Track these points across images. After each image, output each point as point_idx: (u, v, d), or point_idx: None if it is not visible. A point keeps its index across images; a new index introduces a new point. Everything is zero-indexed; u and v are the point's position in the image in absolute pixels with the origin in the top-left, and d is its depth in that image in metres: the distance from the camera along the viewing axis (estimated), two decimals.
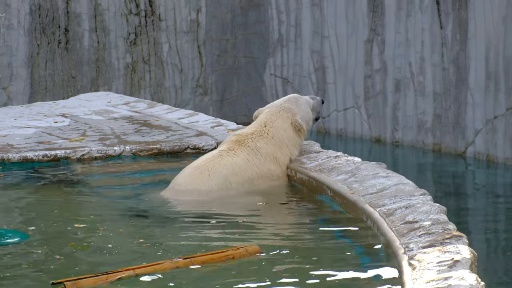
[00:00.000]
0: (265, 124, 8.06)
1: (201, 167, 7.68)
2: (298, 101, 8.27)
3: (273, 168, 7.91)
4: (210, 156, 7.83)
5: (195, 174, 7.64)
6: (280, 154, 7.97)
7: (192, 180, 7.61)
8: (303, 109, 8.24)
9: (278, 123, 8.05)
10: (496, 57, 13.07)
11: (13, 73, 16.00)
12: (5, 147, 9.28)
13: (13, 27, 15.95)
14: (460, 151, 13.64)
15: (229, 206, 7.45)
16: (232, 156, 7.79)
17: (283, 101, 8.30)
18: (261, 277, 5.24)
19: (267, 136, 7.97)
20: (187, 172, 7.71)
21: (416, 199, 6.30)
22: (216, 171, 7.66)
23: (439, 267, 4.82)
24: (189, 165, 7.80)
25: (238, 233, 6.40)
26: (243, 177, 7.75)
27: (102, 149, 9.15)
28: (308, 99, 8.37)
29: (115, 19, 16.45)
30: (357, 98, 15.40)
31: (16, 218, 6.83)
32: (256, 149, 7.88)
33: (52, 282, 4.90)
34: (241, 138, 7.95)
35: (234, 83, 17.21)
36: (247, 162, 7.80)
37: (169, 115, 10.93)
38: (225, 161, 7.73)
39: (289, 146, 8.05)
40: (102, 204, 7.36)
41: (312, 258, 5.64)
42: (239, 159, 7.78)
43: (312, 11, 16.13)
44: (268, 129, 8.01)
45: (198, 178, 7.62)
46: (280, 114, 8.12)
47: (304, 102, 8.32)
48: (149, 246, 5.94)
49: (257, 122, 8.14)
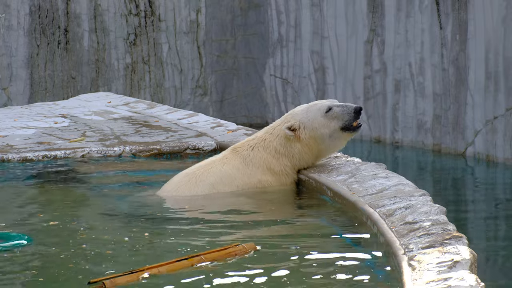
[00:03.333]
0: (266, 131, 7.82)
1: (189, 175, 7.63)
2: (309, 108, 7.78)
3: (265, 179, 7.68)
4: (203, 163, 7.75)
5: (182, 181, 7.60)
6: (276, 164, 7.71)
7: (179, 187, 7.57)
8: (309, 116, 7.72)
9: (277, 130, 7.75)
10: (495, 57, 13.07)
11: (13, 74, 16.00)
12: (5, 147, 9.28)
13: (13, 27, 15.96)
14: (460, 152, 13.64)
15: (220, 206, 7.42)
16: (223, 164, 7.67)
17: (297, 107, 7.92)
18: (260, 273, 5.25)
19: (263, 145, 7.73)
20: (176, 179, 7.66)
21: (416, 199, 6.30)
22: (203, 179, 7.58)
23: (439, 268, 4.82)
24: (181, 172, 7.75)
25: (233, 232, 6.42)
26: (231, 186, 7.61)
27: (102, 150, 9.15)
28: (323, 106, 7.76)
29: (115, 20, 16.45)
30: (357, 98, 15.40)
31: (17, 220, 6.83)
32: (249, 159, 7.69)
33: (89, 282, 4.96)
34: (240, 145, 7.82)
35: (234, 83, 17.22)
36: (237, 171, 7.64)
37: (169, 115, 10.93)
38: (214, 170, 7.63)
39: (287, 156, 7.73)
40: (102, 206, 7.36)
41: (311, 258, 5.64)
42: (229, 168, 7.65)
43: (312, 11, 16.13)
44: (267, 136, 7.77)
45: (185, 185, 7.57)
46: (282, 120, 7.81)
47: (315, 108, 7.76)
48: (151, 248, 5.94)
49: (262, 131, 7.91)
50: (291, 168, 7.77)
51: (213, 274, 5.29)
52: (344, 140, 7.77)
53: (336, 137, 7.72)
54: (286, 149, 7.73)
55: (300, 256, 5.69)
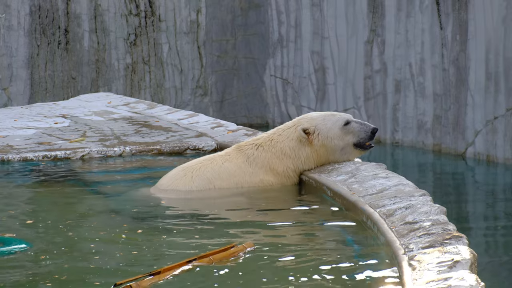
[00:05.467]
0: (275, 132, 7.78)
1: (186, 169, 7.60)
2: (327, 116, 7.77)
3: (267, 179, 7.66)
4: (202, 158, 7.73)
5: (178, 175, 7.58)
6: (279, 165, 7.69)
7: (174, 181, 7.56)
8: (326, 124, 7.71)
9: (287, 132, 7.73)
10: (496, 58, 13.07)
11: (13, 74, 16.00)
12: (5, 148, 9.28)
13: (13, 28, 15.96)
14: (460, 152, 13.64)
15: (214, 206, 7.42)
16: (224, 161, 7.64)
17: (314, 113, 7.89)
18: (259, 272, 5.25)
19: (269, 144, 7.70)
20: (172, 173, 7.65)
21: (416, 199, 6.30)
22: (200, 174, 7.55)
23: (439, 268, 4.82)
24: (178, 166, 7.73)
25: (231, 230, 6.42)
26: (229, 182, 7.58)
27: (102, 150, 9.15)
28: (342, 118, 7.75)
29: (115, 20, 16.45)
30: (357, 98, 15.41)
31: (17, 222, 6.82)
32: (252, 158, 7.66)
33: (115, 284, 4.99)
34: (244, 144, 7.79)
35: (234, 84, 17.22)
36: (238, 169, 7.61)
37: (169, 116, 10.93)
38: (213, 165, 7.60)
39: (292, 158, 7.70)
40: (103, 207, 7.36)
41: (311, 258, 5.64)
42: (231, 165, 7.62)
43: (312, 11, 16.13)
44: (275, 136, 7.74)
45: (181, 179, 7.55)
46: (294, 123, 7.78)
47: (334, 119, 7.75)
48: (152, 249, 5.94)
49: (272, 130, 7.87)
50: (293, 170, 7.76)
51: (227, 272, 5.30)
52: (353, 156, 7.84)
53: (347, 151, 7.78)
54: (294, 151, 7.72)
55: (299, 256, 5.69)
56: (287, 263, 5.55)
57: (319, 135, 7.70)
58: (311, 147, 7.72)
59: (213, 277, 5.26)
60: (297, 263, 5.55)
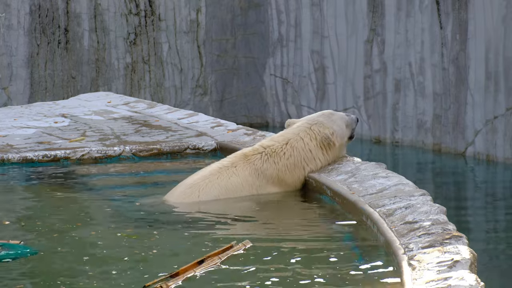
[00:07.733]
0: (287, 142, 7.60)
1: (193, 187, 7.37)
2: (332, 116, 7.77)
3: (274, 190, 7.53)
4: (207, 172, 7.47)
5: (186, 193, 7.36)
6: (289, 177, 7.58)
7: (182, 200, 7.33)
8: (338, 124, 7.74)
9: (303, 142, 7.60)
10: (496, 57, 13.07)
11: (13, 73, 16.00)
12: (5, 147, 9.28)
13: (13, 27, 15.95)
14: (460, 151, 13.64)
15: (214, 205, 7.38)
16: (231, 175, 7.44)
17: (317, 116, 7.81)
18: (258, 271, 5.25)
19: (283, 156, 7.55)
20: (178, 190, 7.42)
21: (416, 199, 6.30)
22: (207, 192, 7.36)
23: (439, 268, 4.82)
24: (184, 182, 7.49)
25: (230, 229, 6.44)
26: (235, 196, 7.42)
27: (102, 150, 9.15)
28: (343, 115, 7.85)
29: (115, 19, 16.45)
30: (357, 98, 15.41)
31: (18, 225, 6.82)
32: (260, 170, 7.50)
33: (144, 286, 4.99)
34: (251, 153, 7.56)
35: (234, 83, 17.22)
36: (245, 183, 7.45)
37: (169, 115, 10.93)
38: (220, 181, 7.39)
39: (305, 168, 7.59)
40: (102, 208, 7.35)
41: (310, 258, 5.64)
42: (237, 179, 7.45)
43: (312, 11, 16.13)
44: (287, 148, 7.58)
45: (188, 198, 7.33)
46: (309, 131, 7.66)
47: (338, 117, 7.79)
48: (155, 251, 5.94)
49: (282, 137, 7.68)
50: (302, 181, 7.66)
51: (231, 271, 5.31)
52: (345, 149, 7.90)
53: (344, 145, 7.86)
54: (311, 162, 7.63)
55: (299, 255, 5.69)
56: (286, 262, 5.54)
57: (337, 137, 7.74)
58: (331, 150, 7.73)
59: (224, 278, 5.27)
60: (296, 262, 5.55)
